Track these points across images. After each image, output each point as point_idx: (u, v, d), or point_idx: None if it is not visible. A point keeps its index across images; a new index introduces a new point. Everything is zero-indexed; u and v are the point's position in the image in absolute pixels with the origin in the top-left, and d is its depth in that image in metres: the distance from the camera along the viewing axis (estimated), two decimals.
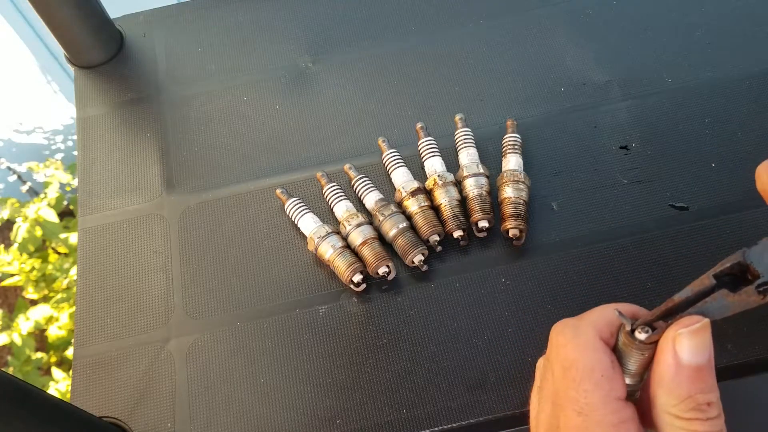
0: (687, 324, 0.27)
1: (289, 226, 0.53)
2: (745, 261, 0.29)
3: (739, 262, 0.29)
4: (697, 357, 0.27)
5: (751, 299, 0.28)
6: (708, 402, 0.27)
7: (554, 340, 0.31)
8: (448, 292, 0.49)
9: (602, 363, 0.29)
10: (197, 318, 0.50)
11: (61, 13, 0.59)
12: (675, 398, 0.27)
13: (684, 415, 0.27)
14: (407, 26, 0.63)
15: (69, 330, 1.31)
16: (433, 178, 0.51)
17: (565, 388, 0.29)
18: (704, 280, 0.29)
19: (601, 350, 0.29)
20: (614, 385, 0.28)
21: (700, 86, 0.56)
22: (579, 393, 0.29)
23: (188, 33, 0.65)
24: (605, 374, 0.28)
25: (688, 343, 0.27)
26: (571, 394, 0.29)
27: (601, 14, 0.61)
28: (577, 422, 0.28)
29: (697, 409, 0.27)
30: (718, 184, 0.52)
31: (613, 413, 0.28)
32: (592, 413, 0.28)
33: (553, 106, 0.57)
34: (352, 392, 0.46)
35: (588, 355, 0.29)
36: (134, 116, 0.61)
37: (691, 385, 0.27)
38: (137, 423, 0.47)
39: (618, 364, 0.29)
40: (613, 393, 0.28)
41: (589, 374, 0.29)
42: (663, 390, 0.27)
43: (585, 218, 0.51)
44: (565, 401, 0.29)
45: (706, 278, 0.29)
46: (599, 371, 0.28)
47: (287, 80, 0.61)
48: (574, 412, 0.28)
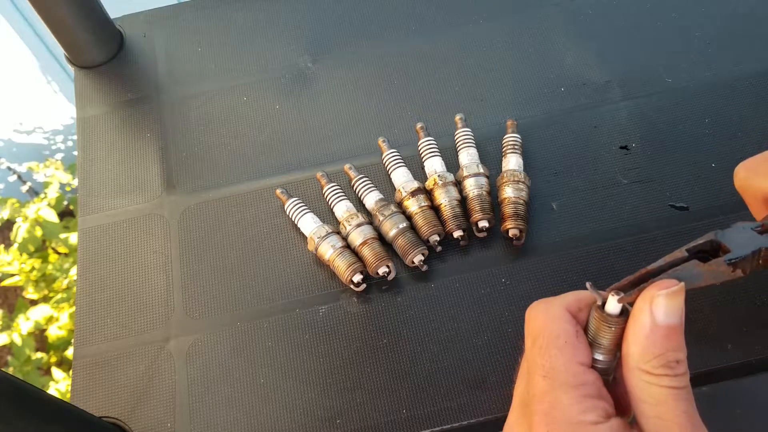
0: (665, 286, 0.29)
1: (289, 226, 0.53)
2: (717, 239, 0.32)
3: (712, 240, 0.32)
4: (671, 318, 0.29)
5: (721, 269, 0.31)
6: (677, 360, 0.29)
7: (527, 315, 0.34)
8: (448, 292, 0.49)
9: (566, 331, 0.31)
10: (197, 318, 0.50)
11: (61, 13, 0.59)
12: (648, 355, 0.29)
13: (654, 371, 0.29)
14: (407, 26, 0.63)
15: (69, 330, 1.31)
16: (433, 178, 0.51)
17: (533, 356, 0.32)
18: (677, 253, 0.32)
19: (566, 320, 0.32)
20: (576, 352, 0.31)
21: (700, 86, 0.56)
22: (545, 359, 0.31)
23: (188, 33, 0.65)
24: (568, 341, 0.31)
25: (664, 304, 0.29)
26: (538, 361, 0.31)
27: (601, 14, 0.61)
28: (542, 385, 0.30)
29: (666, 365, 0.29)
30: (718, 184, 0.52)
31: (575, 376, 0.30)
32: (555, 376, 0.30)
33: (553, 106, 0.57)
34: (352, 392, 0.46)
35: (554, 324, 0.31)
36: (134, 116, 0.61)
37: (664, 343, 0.29)
38: (137, 423, 0.47)
39: (582, 332, 0.31)
40: (575, 358, 0.30)
41: (554, 341, 0.31)
42: (637, 347, 0.29)
43: (585, 218, 0.51)
44: (533, 368, 0.31)
45: (680, 252, 0.32)
46: (563, 338, 0.31)
47: (287, 80, 0.61)
48: (540, 377, 0.31)
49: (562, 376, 0.30)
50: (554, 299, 0.33)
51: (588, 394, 0.30)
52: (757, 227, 0.33)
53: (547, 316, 0.32)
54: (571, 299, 0.33)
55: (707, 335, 0.46)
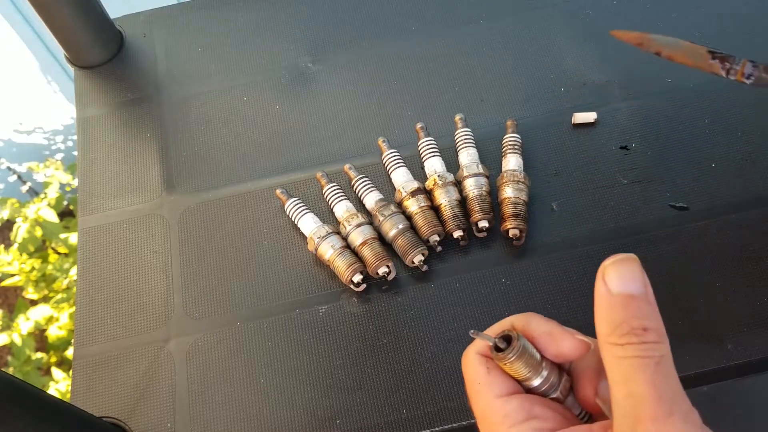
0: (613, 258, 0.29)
1: (289, 226, 0.53)
2: None
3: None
4: (627, 286, 0.28)
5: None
6: (643, 327, 0.27)
7: None
8: (448, 292, 0.49)
9: (477, 372, 0.32)
10: (197, 318, 0.50)
11: (61, 13, 0.59)
12: (609, 326, 0.28)
13: (619, 341, 0.27)
14: (407, 26, 0.63)
15: (69, 330, 1.31)
16: (433, 178, 0.51)
17: (471, 405, 0.32)
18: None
19: (475, 362, 0.32)
20: (492, 387, 0.31)
21: (700, 86, 0.56)
22: (474, 406, 0.32)
23: (188, 33, 0.65)
24: (482, 381, 0.31)
25: (614, 272, 0.28)
26: (472, 408, 0.32)
27: (601, 14, 0.61)
28: (481, 430, 0.31)
29: (631, 333, 0.27)
30: (718, 184, 0.52)
31: (496, 412, 0.30)
32: (483, 419, 0.31)
33: (553, 106, 0.57)
34: (352, 392, 0.46)
35: (468, 371, 0.32)
36: (134, 116, 0.61)
37: (623, 311, 0.27)
38: (137, 423, 0.47)
39: (495, 368, 0.32)
40: (493, 394, 0.31)
41: (472, 386, 0.32)
42: (600, 322, 0.28)
43: (585, 218, 0.51)
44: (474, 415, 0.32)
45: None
46: (477, 381, 0.31)
47: (287, 80, 0.61)
48: (479, 423, 0.31)
49: (487, 418, 0.31)
50: (470, 346, 0.34)
51: (513, 423, 0.30)
52: None
53: (463, 367, 0.33)
54: (481, 342, 0.33)
55: (707, 335, 0.46)
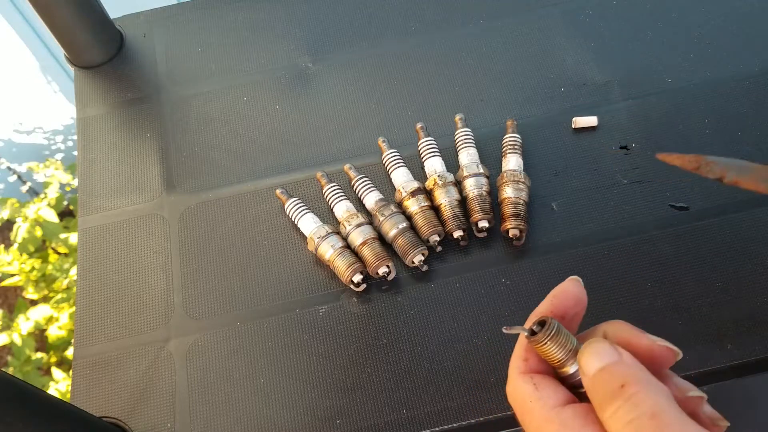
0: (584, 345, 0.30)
1: (289, 226, 0.53)
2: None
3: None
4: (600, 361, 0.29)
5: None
6: (621, 384, 0.28)
7: None
8: (448, 292, 0.49)
9: (527, 391, 0.32)
10: (197, 318, 0.50)
11: (61, 13, 0.59)
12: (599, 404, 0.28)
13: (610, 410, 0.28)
14: (407, 26, 0.63)
15: (69, 330, 1.31)
16: (433, 178, 0.51)
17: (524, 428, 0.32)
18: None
19: (522, 381, 0.32)
20: (545, 401, 0.31)
21: (700, 86, 0.56)
22: (528, 425, 0.32)
23: (188, 33, 0.65)
24: (533, 398, 0.31)
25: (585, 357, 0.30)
26: (527, 429, 0.32)
27: (601, 14, 0.61)
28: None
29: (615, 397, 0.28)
30: (718, 184, 0.51)
31: (552, 422, 0.30)
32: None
33: (553, 106, 0.57)
34: (352, 392, 0.46)
35: (518, 393, 0.32)
36: (134, 116, 0.61)
37: (603, 383, 0.28)
38: (137, 423, 0.47)
39: (542, 381, 0.32)
40: (546, 407, 0.31)
41: (524, 406, 0.32)
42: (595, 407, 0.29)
43: (585, 218, 0.51)
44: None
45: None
46: (527, 399, 0.31)
47: (287, 80, 0.61)
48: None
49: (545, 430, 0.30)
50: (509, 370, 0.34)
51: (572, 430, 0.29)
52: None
53: (510, 392, 0.33)
54: (516, 360, 0.34)
55: (707, 335, 0.46)
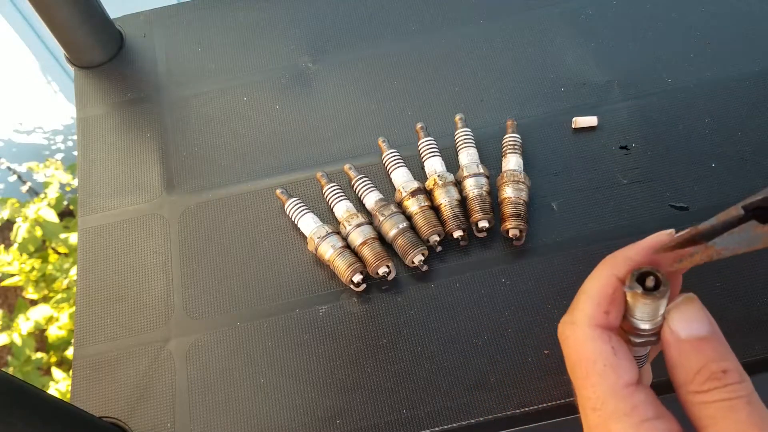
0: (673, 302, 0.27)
1: (289, 226, 0.53)
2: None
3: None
4: (695, 329, 0.27)
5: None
6: (723, 369, 0.26)
7: (560, 340, 0.31)
8: (448, 292, 0.49)
9: (603, 353, 0.28)
10: (197, 318, 0.50)
11: (61, 13, 0.59)
12: (689, 374, 0.26)
13: (701, 388, 0.26)
14: (407, 26, 0.63)
15: (69, 330, 1.31)
16: (433, 178, 0.51)
17: (578, 389, 0.29)
18: (732, 211, 0.27)
19: (599, 339, 0.28)
20: (620, 372, 0.28)
21: (700, 86, 0.56)
22: (588, 390, 0.28)
23: (188, 33, 0.65)
24: (608, 363, 0.28)
25: (679, 318, 0.27)
26: (584, 393, 0.28)
27: (601, 14, 0.61)
28: (594, 419, 0.28)
29: (712, 378, 0.26)
30: (718, 184, 0.52)
31: (624, 401, 0.27)
32: (604, 406, 0.27)
33: (553, 106, 0.57)
34: (352, 392, 0.46)
35: (586, 347, 0.28)
36: (134, 116, 0.61)
37: (699, 356, 0.26)
38: (137, 423, 0.47)
39: (621, 347, 0.28)
40: (621, 380, 0.27)
41: (593, 367, 0.28)
42: (675, 371, 0.27)
43: (585, 218, 0.51)
44: (581, 401, 0.29)
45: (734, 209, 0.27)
46: (601, 362, 0.28)
47: (287, 80, 0.61)
48: (590, 410, 0.28)
49: (611, 406, 0.27)
50: (578, 314, 0.30)
51: (644, 419, 0.27)
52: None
53: (576, 340, 0.29)
54: (592, 310, 0.29)
55: None
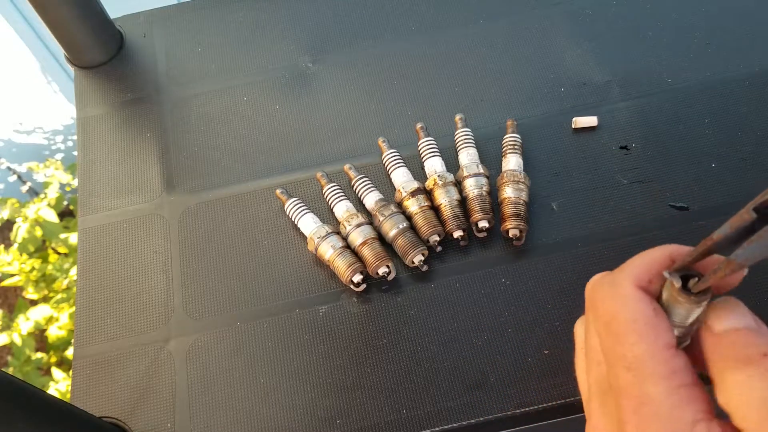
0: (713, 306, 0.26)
1: (289, 226, 0.53)
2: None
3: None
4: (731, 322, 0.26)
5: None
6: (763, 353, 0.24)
7: (591, 296, 0.30)
8: (448, 292, 0.49)
9: (644, 312, 0.27)
10: (197, 318, 0.50)
11: (61, 13, 0.59)
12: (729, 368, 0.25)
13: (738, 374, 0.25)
14: (407, 26, 0.63)
15: (69, 330, 1.31)
16: (433, 178, 0.51)
17: (611, 345, 0.28)
18: (744, 215, 0.26)
19: (641, 299, 0.27)
20: (660, 333, 0.26)
21: (700, 86, 0.56)
22: (625, 347, 0.27)
23: (188, 33, 0.65)
24: (648, 323, 0.27)
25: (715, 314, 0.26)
26: (618, 350, 0.27)
27: (601, 14, 0.61)
28: (627, 378, 0.26)
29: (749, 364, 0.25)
30: (718, 184, 0.52)
31: (663, 363, 0.26)
32: (641, 366, 0.26)
33: (553, 106, 0.57)
34: (352, 392, 0.46)
35: (628, 305, 0.27)
36: (134, 116, 0.61)
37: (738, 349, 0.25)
38: (137, 423, 0.47)
39: (661, 310, 0.28)
40: (660, 341, 0.26)
41: (632, 326, 0.27)
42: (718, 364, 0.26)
43: (585, 218, 0.51)
44: (613, 359, 0.27)
45: (746, 212, 0.26)
46: (642, 321, 0.27)
47: (287, 80, 0.61)
48: (623, 369, 0.27)
49: (648, 366, 0.26)
50: (619, 273, 0.29)
51: (681, 383, 0.25)
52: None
53: (616, 296, 0.28)
54: (639, 271, 0.28)
55: None
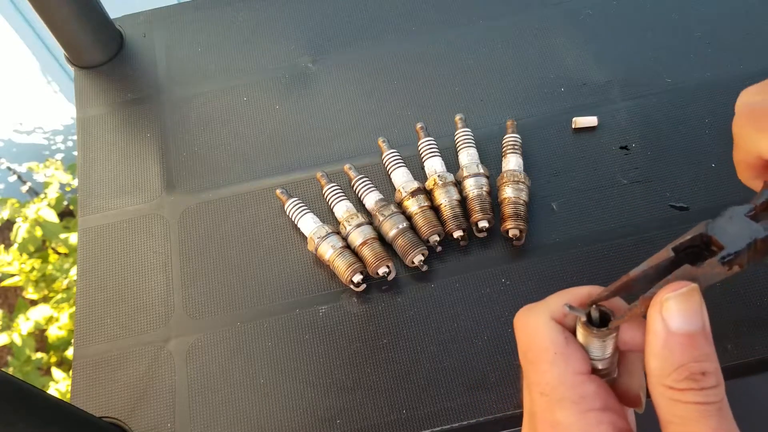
0: (674, 288, 0.26)
1: (289, 226, 0.53)
2: (707, 233, 0.28)
3: (701, 233, 0.28)
4: (688, 323, 0.26)
5: (716, 271, 0.27)
6: (702, 371, 0.25)
7: (514, 327, 0.31)
8: (448, 292, 0.49)
9: (555, 341, 0.28)
10: (197, 318, 0.50)
11: (61, 13, 0.59)
12: (667, 368, 0.26)
13: (677, 386, 0.25)
14: (407, 26, 0.63)
15: (69, 330, 1.31)
16: (433, 178, 0.51)
17: (527, 373, 0.29)
18: (663, 254, 0.28)
19: (554, 329, 0.29)
20: (570, 361, 0.28)
21: (700, 86, 0.56)
22: (538, 374, 0.28)
23: (188, 33, 0.65)
24: (558, 351, 0.28)
25: (676, 309, 0.26)
26: (533, 377, 0.29)
27: (601, 14, 0.61)
28: (542, 403, 0.28)
29: (690, 378, 0.25)
30: (718, 184, 0.52)
31: (573, 388, 0.27)
32: (552, 392, 0.28)
33: (553, 106, 0.57)
34: (352, 392, 0.46)
35: (540, 335, 0.29)
36: (134, 116, 0.61)
37: (684, 353, 0.26)
38: (137, 423, 0.47)
39: (573, 339, 0.29)
40: (570, 368, 0.28)
41: (543, 354, 0.28)
42: (655, 361, 0.26)
43: (585, 218, 0.51)
44: (530, 385, 0.29)
45: (665, 251, 0.28)
46: (552, 349, 0.28)
47: (287, 80, 0.61)
48: (538, 394, 0.28)
49: (559, 392, 0.27)
50: (537, 306, 0.31)
51: (590, 408, 0.27)
52: (750, 212, 0.29)
53: (532, 327, 0.29)
54: (555, 304, 0.30)
55: None
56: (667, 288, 0.27)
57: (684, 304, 0.26)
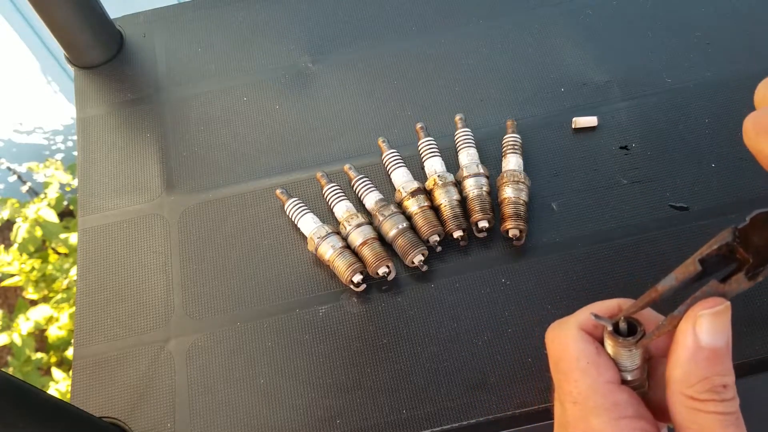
0: (710, 306, 0.27)
1: (289, 226, 0.53)
2: (732, 243, 0.28)
3: (727, 243, 0.28)
4: (716, 339, 0.27)
5: (743, 286, 0.28)
6: (724, 384, 0.27)
7: (546, 340, 0.33)
8: (448, 292, 0.49)
9: (586, 351, 0.29)
10: (197, 318, 0.50)
11: (61, 13, 0.59)
12: (692, 379, 0.27)
13: (699, 396, 0.27)
14: (407, 26, 0.63)
15: (69, 330, 1.31)
16: (433, 178, 0.51)
17: (559, 383, 0.30)
18: (689, 267, 0.29)
19: (584, 340, 0.30)
20: (601, 370, 0.29)
21: (700, 86, 0.56)
22: (570, 384, 0.29)
23: (188, 33, 0.65)
24: (590, 361, 0.29)
25: (708, 326, 0.27)
26: (565, 387, 0.30)
27: (601, 14, 0.61)
28: (574, 413, 0.29)
29: (712, 390, 0.27)
30: (718, 184, 0.52)
31: (605, 397, 0.28)
32: (584, 401, 0.29)
33: (553, 106, 0.57)
34: (352, 392, 0.46)
35: (571, 346, 0.30)
36: (134, 116, 0.61)
37: (709, 367, 0.27)
38: (137, 423, 0.47)
39: (604, 350, 0.30)
40: (602, 378, 0.29)
41: (575, 364, 0.29)
42: (679, 370, 0.27)
43: (585, 218, 0.51)
44: (562, 396, 0.30)
45: (692, 264, 0.28)
46: (584, 359, 0.29)
47: (287, 80, 0.61)
48: (570, 404, 0.29)
49: (591, 400, 0.28)
50: (568, 319, 0.32)
51: (623, 416, 0.28)
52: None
53: (562, 339, 0.31)
54: (584, 316, 0.31)
55: None
56: (701, 304, 0.28)
57: (716, 322, 0.27)
